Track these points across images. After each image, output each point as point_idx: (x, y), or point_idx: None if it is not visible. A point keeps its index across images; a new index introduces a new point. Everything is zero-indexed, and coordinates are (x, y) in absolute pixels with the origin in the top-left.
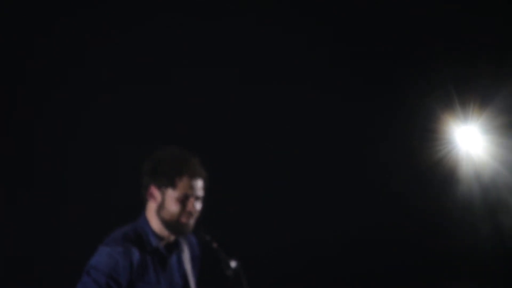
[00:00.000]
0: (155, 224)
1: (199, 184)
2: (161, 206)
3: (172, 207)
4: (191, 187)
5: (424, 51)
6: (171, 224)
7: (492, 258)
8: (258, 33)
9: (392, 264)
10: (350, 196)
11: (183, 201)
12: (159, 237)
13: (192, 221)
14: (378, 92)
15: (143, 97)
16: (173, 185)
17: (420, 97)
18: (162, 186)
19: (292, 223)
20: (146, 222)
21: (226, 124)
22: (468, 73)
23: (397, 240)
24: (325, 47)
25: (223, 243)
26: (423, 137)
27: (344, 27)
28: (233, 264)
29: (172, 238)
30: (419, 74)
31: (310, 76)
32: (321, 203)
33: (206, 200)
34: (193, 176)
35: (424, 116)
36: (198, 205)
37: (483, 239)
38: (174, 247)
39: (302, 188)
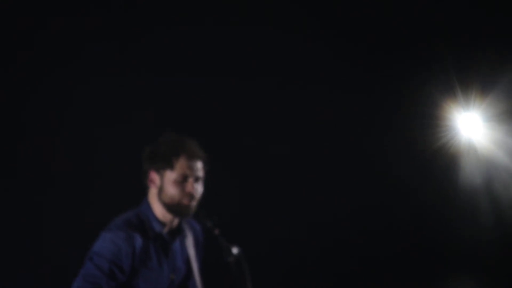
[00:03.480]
0: (157, 209)
1: (197, 165)
2: (161, 190)
3: (172, 189)
4: (190, 167)
5: (425, 39)
6: (172, 207)
7: (494, 246)
8: (257, 28)
9: (393, 253)
10: (352, 184)
11: (182, 182)
12: (162, 223)
13: (194, 203)
14: (380, 80)
15: (144, 94)
16: (171, 166)
17: (422, 84)
18: (160, 169)
19: (294, 211)
20: (149, 208)
21: (229, 115)
22: (469, 60)
23: (398, 228)
24: (328, 41)
25: (225, 229)
26: (424, 124)
27: (345, 17)
28: (234, 250)
29: (175, 223)
30: (420, 62)
31: (312, 65)
32: (323, 192)
33: (208, 187)
34: (190, 156)
35: (426, 103)
36: (199, 188)
37: (484, 227)
38: (177, 233)
39: (304, 177)
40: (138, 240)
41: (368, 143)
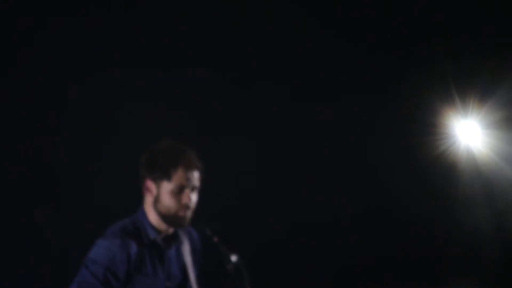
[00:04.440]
0: (152, 217)
1: (194, 175)
2: (157, 199)
3: (168, 200)
4: (187, 179)
5: (424, 46)
6: (168, 217)
7: (493, 253)
8: (257, 28)
9: (391, 259)
10: (351, 191)
11: (178, 193)
12: (157, 230)
13: (189, 214)
14: (379, 87)
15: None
16: (168, 177)
17: (421, 92)
18: (157, 179)
19: (293, 218)
20: (144, 215)
21: (228, 115)
22: (468, 67)
23: (398, 235)
24: (327, 43)
25: (224, 237)
26: (423, 132)
27: (345, 23)
28: (234, 258)
29: (170, 230)
30: (419, 69)
31: (311, 72)
32: (322, 197)
33: (207, 194)
34: (188, 167)
35: (425, 110)
36: (194, 196)
37: (483, 233)
38: (172, 240)
39: (304, 182)
40: (133, 247)
41: (367, 150)
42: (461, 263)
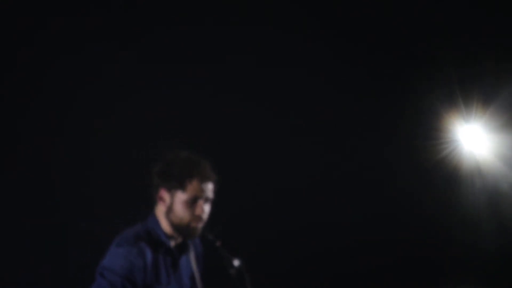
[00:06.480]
0: (165, 225)
1: (209, 186)
2: (170, 209)
3: (181, 210)
4: (201, 190)
5: (428, 50)
6: (180, 228)
7: (494, 257)
8: (257, 28)
9: (394, 262)
10: (353, 194)
11: (192, 204)
12: (170, 238)
13: (201, 225)
14: (382, 90)
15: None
16: (183, 187)
17: (424, 96)
18: (172, 189)
19: (295, 222)
20: (157, 223)
21: (228, 116)
22: (471, 71)
23: (400, 238)
24: (329, 46)
25: (226, 241)
26: (426, 136)
27: (345, 23)
28: (236, 262)
29: (179, 239)
30: (423, 73)
31: (314, 75)
32: (324, 201)
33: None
34: (203, 179)
35: (428, 114)
36: (207, 208)
37: (485, 237)
38: (184, 248)
39: (304, 183)
40: (149, 255)
41: (369, 153)
42: (462, 266)
